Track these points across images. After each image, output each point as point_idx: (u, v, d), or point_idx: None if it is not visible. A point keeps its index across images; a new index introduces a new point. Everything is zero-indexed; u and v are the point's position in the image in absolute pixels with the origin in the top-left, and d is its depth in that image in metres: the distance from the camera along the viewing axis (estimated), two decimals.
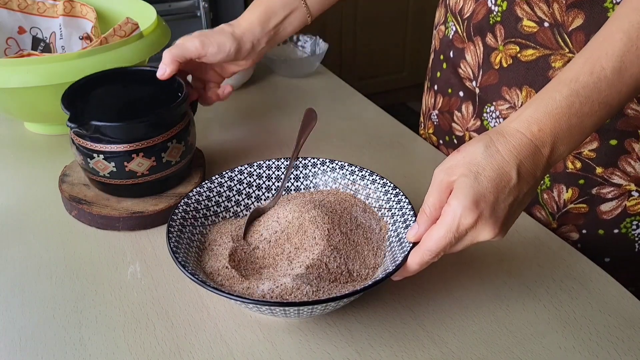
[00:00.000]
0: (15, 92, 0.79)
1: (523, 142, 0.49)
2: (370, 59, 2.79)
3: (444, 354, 0.55)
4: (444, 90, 0.87)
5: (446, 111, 0.87)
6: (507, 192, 0.49)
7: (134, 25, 0.88)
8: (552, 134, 0.49)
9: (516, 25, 0.70)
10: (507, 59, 0.73)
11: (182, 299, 0.61)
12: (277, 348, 0.56)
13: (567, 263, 0.66)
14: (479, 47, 0.76)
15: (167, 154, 0.69)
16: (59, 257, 0.67)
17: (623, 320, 0.58)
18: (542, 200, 0.76)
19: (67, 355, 0.55)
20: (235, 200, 0.68)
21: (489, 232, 0.50)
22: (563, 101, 0.49)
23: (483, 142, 0.50)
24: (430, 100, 0.92)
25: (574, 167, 0.72)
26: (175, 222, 0.61)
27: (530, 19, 0.69)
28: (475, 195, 0.48)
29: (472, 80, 0.79)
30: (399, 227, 0.61)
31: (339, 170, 0.69)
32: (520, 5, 0.69)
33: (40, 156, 0.86)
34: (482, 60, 0.76)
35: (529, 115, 0.50)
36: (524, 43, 0.70)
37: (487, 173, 0.49)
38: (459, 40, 0.81)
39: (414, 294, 0.61)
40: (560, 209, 0.75)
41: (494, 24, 0.73)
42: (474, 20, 0.76)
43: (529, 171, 0.50)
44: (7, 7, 0.96)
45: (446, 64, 0.85)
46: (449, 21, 0.83)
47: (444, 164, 0.52)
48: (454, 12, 0.81)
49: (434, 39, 0.91)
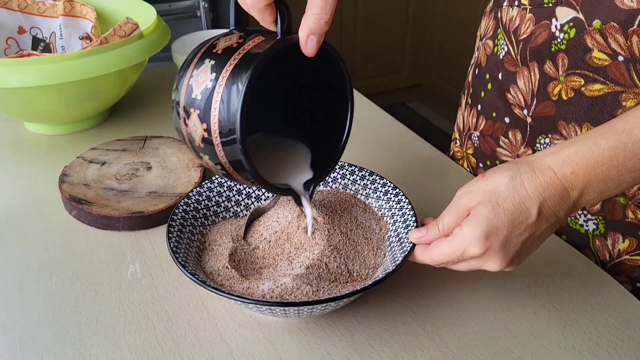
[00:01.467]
0: (15, 92, 0.79)
1: (552, 180, 0.48)
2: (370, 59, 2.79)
3: (444, 354, 0.55)
4: (487, 112, 0.78)
5: (489, 135, 0.79)
6: (524, 228, 0.48)
7: (134, 25, 0.88)
8: (585, 180, 0.48)
9: (584, 56, 0.62)
10: (568, 91, 0.65)
11: (182, 299, 0.61)
12: (277, 348, 0.56)
13: (567, 263, 0.66)
14: (535, 74, 0.68)
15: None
16: (59, 257, 0.67)
17: (623, 320, 0.58)
18: (594, 246, 0.70)
19: (67, 355, 0.55)
20: (235, 200, 0.68)
21: (497, 264, 0.50)
22: (607, 151, 0.47)
23: (510, 172, 0.49)
24: (472, 119, 0.83)
25: (634, 217, 0.66)
26: (175, 222, 0.61)
27: (602, 50, 0.60)
28: (488, 228, 0.48)
29: (524, 108, 0.71)
30: (399, 227, 0.61)
31: (339, 170, 0.69)
32: (592, 35, 0.61)
33: (40, 156, 0.86)
34: (537, 89, 0.68)
35: (567, 155, 0.48)
36: (591, 76, 0.62)
37: (507, 205, 0.48)
38: (510, 63, 0.72)
39: (414, 294, 0.61)
40: (614, 258, 0.69)
41: (556, 52, 0.65)
42: (531, 44, 0.68)
43: (551, 210, 0.49)
44: (7, 7, 0.96)
45: (492, 85, 0.76)
46: (499, 38, 0.74)
47: (467, 187, 0.51)
48: (507, 29, 0.72)
49: (477, 50, 0.82)
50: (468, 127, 0.85)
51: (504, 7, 0.72)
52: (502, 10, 0.73)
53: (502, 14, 0.73)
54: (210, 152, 0.50)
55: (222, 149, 0.49)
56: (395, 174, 0.81)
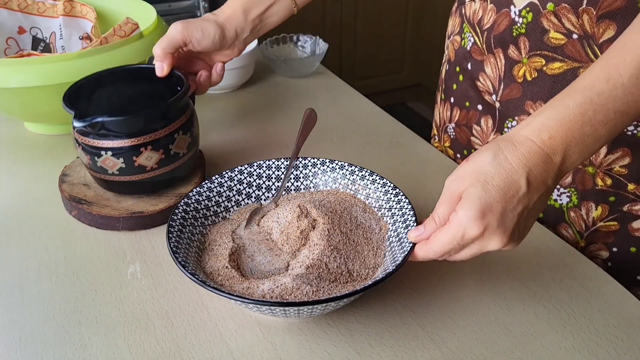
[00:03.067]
0: (15, 92, 0.79)
1: (533, 149, 0.49)
2: (370, 59, 2.79)
3: (444, 354, 0.55)
4: (460, 103, 0.83)
5: (464, 125, 0.83)
6: (516, 201, 0.49)
7: (134, 25, 0.88)
8: (564, 141, 0.48)
9: (542, 38, 0.67)
10: (531, 72, 0.69)
11: (182, 299, 0.61)
12: (277, 348, 0.56)
13: (567, 263, 0.66)
14: (500, 59, 0.73)
15: (175, 145, 0.70)
16: (59, 257, 0.67)
17: (623, 320, 0.58)
18: (570, 218, 0.73)
19: (67, 355, 0.55)
20: (235, 200, 0.68)
21: (498, 241, 0.50)
22: (576, 109, 0.48)
23: (492, 151, 0.50)
24: (446, 112, 0.88)
25: (604, 184, 0.69)
26: (175, 222, 0.61)
27: (557, 30, 0.65)
28: (482, 206, 0.48)
29: (492, 94, 0.76)
30: (398, 227, 0.61)
31: (339, 170, 0.69)
32: (547, 17, 0.66)
33: (40, 156, 0.86)
34: (504, 73, 0.73)
35: (540, 123, 0.49)
36: (550, 56, 0.67)
37: (495, 182, 0.49)
38: (477, 52, 0.77)
39: (414, 294, 0.61)
40: (589, 227, 0.72)
41: (517, 36, 0.69)
42: (494, 32, 0.73)
43: (540, 179, 0.49)
44: (7, 7, 0.96)
45: (463, 76, 0.82)
46: (465, 32, 0.79)
47: (453, 174, 0.52)
48: (471, 22, 0.77)
49: (447, 49, 0.88)
50: (444, 121, 0.90)
51: (467, 2, 0.79)
52: (466, 6, 0.79)
53: (466, 9, 0.79)
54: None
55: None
56: (395, 174, 0.81)
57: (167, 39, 0.73)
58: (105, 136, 0.66)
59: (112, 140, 0.67)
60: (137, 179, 0.69)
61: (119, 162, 0.67)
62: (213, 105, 1.02)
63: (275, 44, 1.16)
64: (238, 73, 1.03)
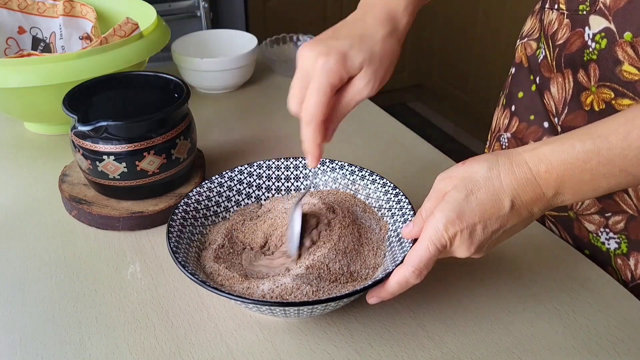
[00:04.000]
0: (15, 92, 0.79)
1: (527, 177, 0.48)
2: None
3: (444, 354, 0.55)
4: (523, 114, 0.74)
5: (520, 138, 0.75)
6: (495, 219, 0.49)
7: (134, 25, 0.88)
8: (558, 180, 0.48)
9: (614, 69, 0.59)
10: (599, 102, 0.62)
11: (182, 299, 0.61)
12: (277, 348, 0.56)
13: (567, 263, 0.66)
14: (569, 81, 0.65)
15: (176, 150, 0.70)
16: (59, 257, 0.67)
17: (623, 320, 0.58)
18: (616, 265, 0.67)
19: (67, 355, 0.55)
20: (235, 200, 0.68)
21: (464, 250, 0.50)
22: (581, 154, 0.46)
23: (488, 164, 0.49)
24: (504, 120, 0.79)
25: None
26: (175, 222, 0.61)
27: (632, 64, 0.58)
28: (459, 212, 0.48)
29: (555, 116, 0.69)
30: (399, 227, 0.61)
31: (339, 170, 0.69)
32: (623, 47, 0.58)
33: (40, 156, 0.86)
34: (571, 97, 0.66)
35: (543, 154, 0.48)
36: (620, 90, 0.60)
37: (480, 195, 0.48)
38: (546, 68, 0.69)
39: (414, 294, 0.61)
40: (636, 279, 0.66)
41: (588, 61, 0.62)
42: (566, 51, 0.65)
43: (524, 205, 0.49)
44: (7, 7, 0.96)
45: (535, 86, 0.73)
46: (542, 41, 0.71)
47: (445, 172, 0.52)
48: (546, 32, 0.69)
49: (517, 50, 0.78)
50: (498, 128, 0.81)
51: (546, 9, 0.71)
52: (545, 12, 0.71)
53: (545, 16, 0.71)
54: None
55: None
56: (395, 174, 0.81)
57: (334, 73, 0.53)
58: (108, 140, 0.67)
59: (116, 145, 0.67)
60: (138, 183, 0.69)
61: (121, 166, 0.68)
62: (213, 105, 1.02)
63: (275, 44, 1.16)
64: (238, 73, 1.03)
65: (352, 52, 0.53)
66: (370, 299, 0.54)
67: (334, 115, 0.55)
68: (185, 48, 1.05)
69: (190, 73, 1.02)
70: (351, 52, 0.53)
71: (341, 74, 0.52)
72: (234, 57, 1.01)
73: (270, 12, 2.42)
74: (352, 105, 0.55)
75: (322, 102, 0.52)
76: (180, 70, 1.04)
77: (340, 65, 0.52)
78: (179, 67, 1.03)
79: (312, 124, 0.53)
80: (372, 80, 0.54)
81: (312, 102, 0.52)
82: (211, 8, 2.03)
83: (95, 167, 0.68)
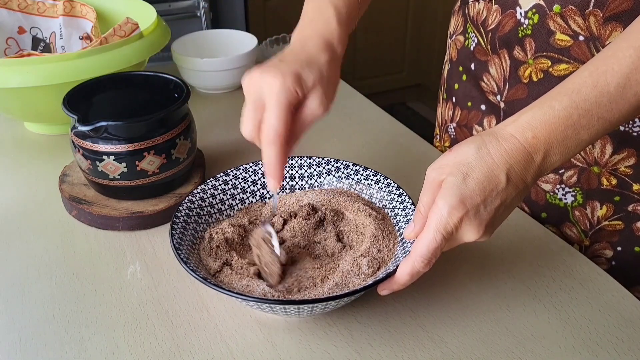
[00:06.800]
0: (15, 92, 0.79)
1: (516, 147, 0.49)
2: (371, 59, 2.79)
3: (444, 354, 0.55)
4: (462, 103, 0.83)
5: (464, 125, 0.83)
6: (495, 195, 0.49)
7: (134, 25, 0.88)
8: (546, 142, 0.49)
9: (548, 39, 0.66)
10: (537, 73, 0.69)
11: (182, 299, 0.61)
12: (277, 348, 0.56)
13: (567, 263, 0.66)
14: (505, 60, 0.72)
15: (176, 150, 0.70)
16: (59, 257, 0.67)
17: (623, 320, 0.58)
18: (574, 217, 0.73)
19: (67, 355, 0.55)
20: (239, 198, 0.68)
21: (473, 233, 0.50)
22: (561, 111, 0.49)
23: (475, 144, 0.50)
24: (448, 112, 0.88)
25: (609, 183, 0.69)
26: (179, 218, 0.61)
27: (564, 32, 0.65)
28: (461, 195, 0.49)
29: (497, 94, 0.75)
30: (401, 227, 0.61)
31: (343, 170, 0.69)
32: (554, 19, 0.65)
33: (40, 156, 0.86)
34: (509, 74, 0.72)
35: (525, 121, 0.50)
36: (556, 57, 0.67)
37: (476, 175, 0.49)
38: (481, 53, 0.76)
39: (414, 294, 0.61)
40: (594, 226, 0.72)
41: (523, 37, 0.69)
42: (499, 33, 0.72)
43: (519, 176, 0.50)
44: (7, 7, 0.96)
45: (466, 75, 0.81)
46: (469, 32, 0.78)
47: (435, 163, 0.52)
48: (475, 22, 0.76)
49: (449, 48, 0.87)
50: (445, 120, 0.89)
51: (471, 2, 0.77)
52: (469, 6, 0.78)
53: (470, 9, 0.78)
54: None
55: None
56: (396, 174, 0.81)
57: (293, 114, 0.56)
58: (108, 140, 0.67)
59: (115, 145, 0.67)
60: (138, 183, 0.70)
61: (121, 166, 0.68)
62: (213, 105, 1.02)
63: (275, 44, 1.16)
64: (238, 73, 1.03)
65: (304, 73, 0.55)
66: (382, 291, 0.55)
67: (290, 138, 0.54)
68: (185, 48, 1.05)
69: (190, 73, 1.02)
70: (304, 73, 0.54)
71: (297, 93, 0.53)
72: (234, 57, 1.01)
73: (270, 12, 2.42)
74: (307, 126, 0.56)
75: (285, 119, 0.53)
76: (180, 70, 1.04)
77: (296, 84, 0.53)
78: (179, 67, 1.03)
79: (277, 143, 0.53)
80: (324, 99, 0.55)
81: (274, 121, 0.52)
82: (211, 8, 2.03)
83: (95, 167, 0.68)
